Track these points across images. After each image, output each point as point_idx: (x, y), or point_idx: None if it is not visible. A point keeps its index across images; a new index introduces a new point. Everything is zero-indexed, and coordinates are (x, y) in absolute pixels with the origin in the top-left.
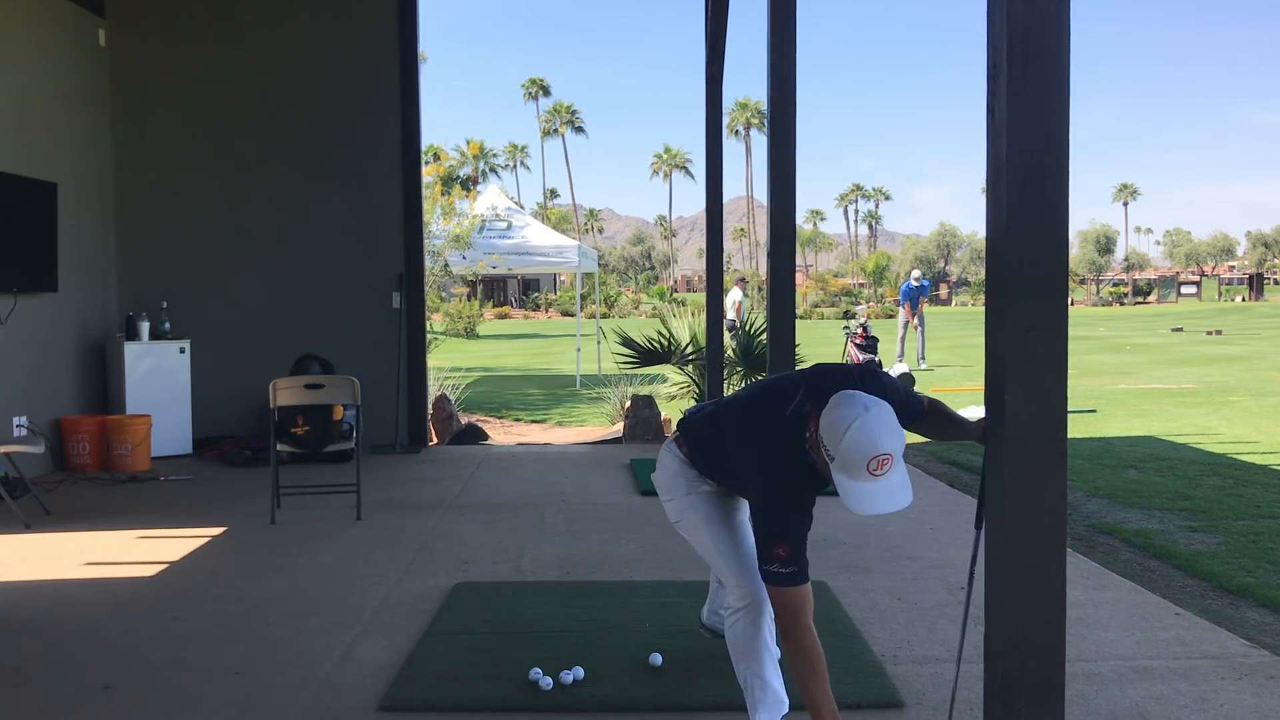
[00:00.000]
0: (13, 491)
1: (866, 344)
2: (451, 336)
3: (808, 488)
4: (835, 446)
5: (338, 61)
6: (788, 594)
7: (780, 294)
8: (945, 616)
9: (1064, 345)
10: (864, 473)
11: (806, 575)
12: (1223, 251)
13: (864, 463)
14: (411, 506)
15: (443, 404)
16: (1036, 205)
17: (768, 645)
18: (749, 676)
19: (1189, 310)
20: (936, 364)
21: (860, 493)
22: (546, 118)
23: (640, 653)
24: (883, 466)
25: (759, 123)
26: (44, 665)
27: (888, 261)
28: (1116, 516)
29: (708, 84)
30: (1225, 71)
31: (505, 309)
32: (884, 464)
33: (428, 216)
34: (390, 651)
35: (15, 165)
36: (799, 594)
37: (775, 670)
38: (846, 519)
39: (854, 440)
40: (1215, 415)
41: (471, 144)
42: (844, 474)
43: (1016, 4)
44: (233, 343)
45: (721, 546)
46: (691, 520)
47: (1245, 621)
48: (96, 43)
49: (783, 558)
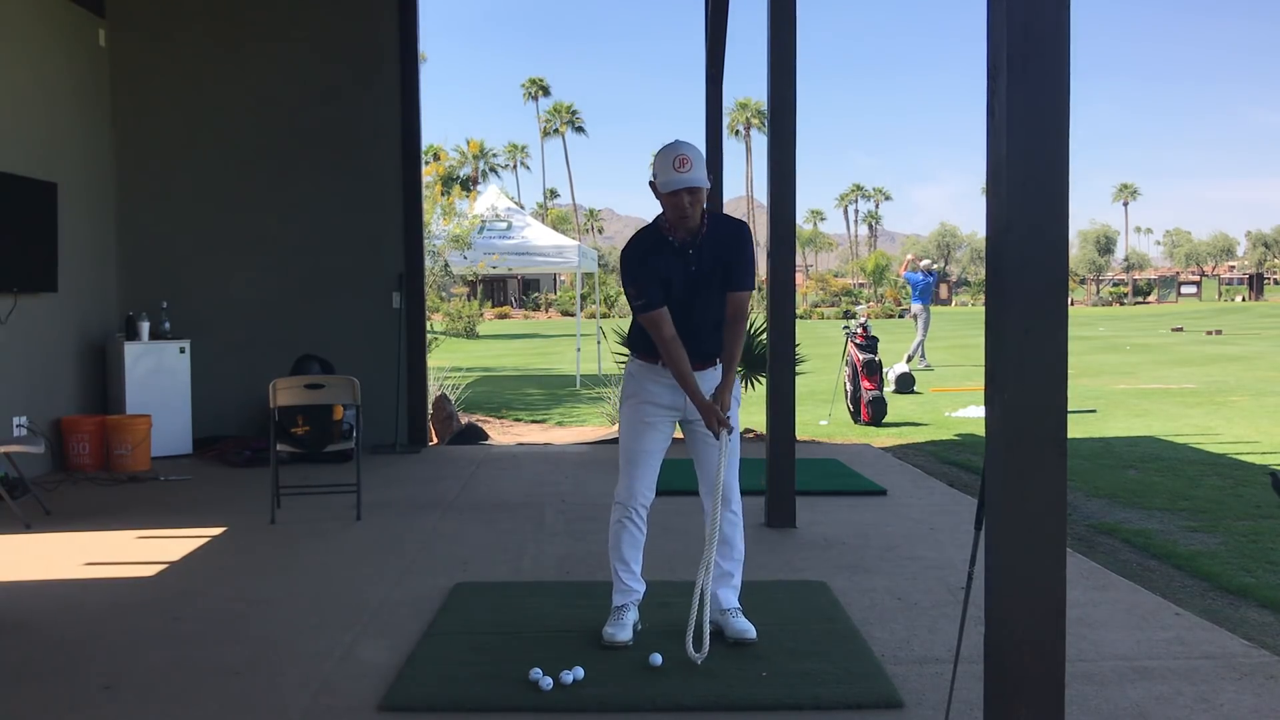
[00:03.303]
0: (13, 491)
1: (866, 344)
2: (451, 336)
3: (660, 263)
4: (656, 167)
5: (338, 61)
6: (645, 317)
7: (780, 294)
8: (945, 616)
9: (1064, 345)
10: (673, 171)
11: (655, 304)
12: (1223, 251)
13: (670, 162)
14: (411, 506)
15: (443, 404)
16: (1036, 205)
17: (621, 543)
18: (612, 562)
19: (1189, 310)
20: (936, 364)
21: (676, 180)
22: (546, 118)
23: (640, 653)
24: (684, 165)
25: (759, 123)
26: (44, 665)
27: (887, 261)
28: (1116, 516)
29: (708, 84)
30: (1226, 71)
31: (505, 309)
32: (684, 162)
33: (428, 216)
34: (390, 651)
35: (15, 165)
36: (651, 316)
37: (625, 567)
38: (847, 519)
39: (662, 153)
40: (1215, 415)
41: (471, 144)
42: (664, 176)
43: (1016, 4)
44: (233, 343)
45: (627, 446)
46: (623, 419)
47: (1245, 621)
48: (96, 43)
49: (634, 295)
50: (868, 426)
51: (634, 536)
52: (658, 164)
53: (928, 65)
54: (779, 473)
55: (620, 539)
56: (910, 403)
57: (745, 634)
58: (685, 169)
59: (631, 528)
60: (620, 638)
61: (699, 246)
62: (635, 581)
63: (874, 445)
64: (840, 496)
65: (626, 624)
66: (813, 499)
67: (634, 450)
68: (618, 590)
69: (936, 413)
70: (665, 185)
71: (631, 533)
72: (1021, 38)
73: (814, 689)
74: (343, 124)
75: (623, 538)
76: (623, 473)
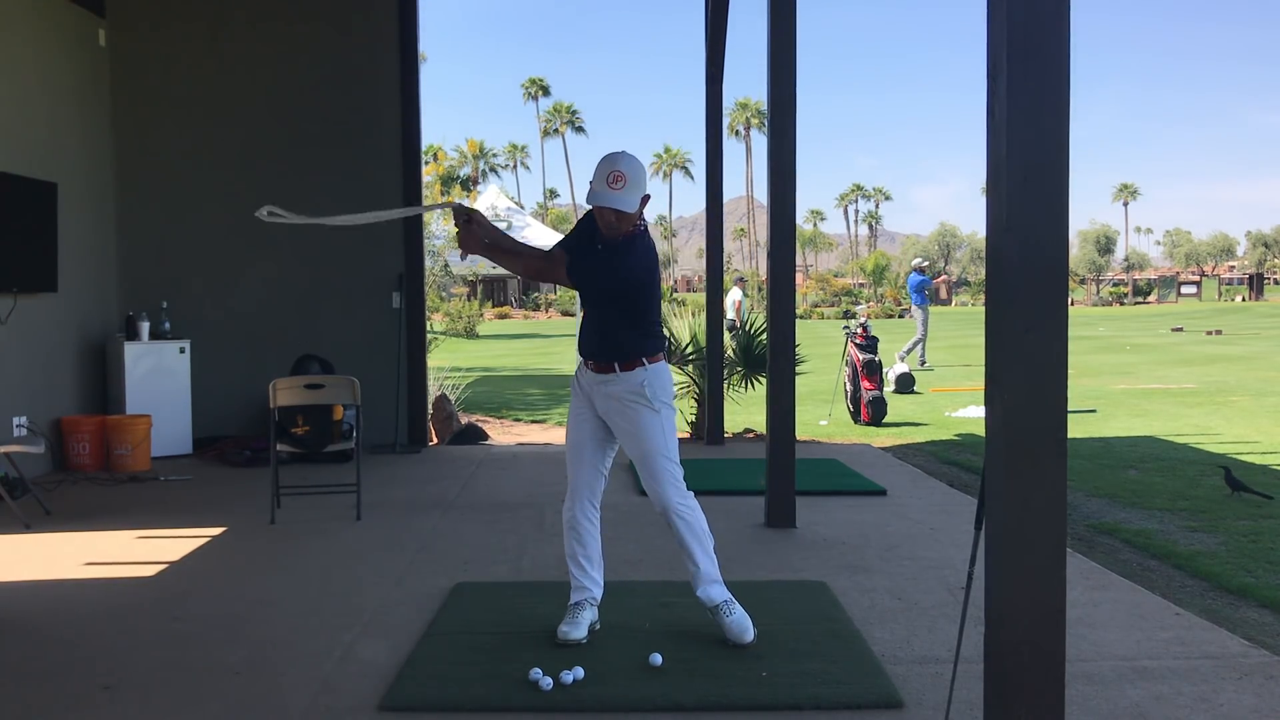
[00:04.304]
0: (13, 491)
1: (866, 344)
2: (451, 336)
3: (587, 250)
4: (594, 172)
5: (338, 61)
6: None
7: (780, 294)
8: (945, 616)
9: (1064, 345)
10: (605, 185)
11: (560, 249)
12: (1223, 251)
13: (605, 175)
14: (411, 506)
15: (443, 404)
16: (1036, 205)
17: (569, 541)
18: (567, 560)
19: (1189, 310)
20: (936, 364)
21: (600, 195)
22: (546, 118)
23: (640, 653)
24: (617, 182)
25: (759, 123)
26: (44, 665)
27: (887, 261)
28: (1116, 516)
29: (708, 84)
30: (1226, 71)
31: (505, 309)
32: (618, 179)
33: (428, 217)
34: (390, 651)
35: (15, 165)
36: (552, 252)
37: (575, 564)
38: (847, 519)
39: (602, 161)
40: (1215, 415)
41: (471, 143)
42: (596, 187)
43: (1017, 4)
44: (233, 343)
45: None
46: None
47: (1245, 621)
48: (96, 43)
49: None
50: (868, 426)
51: (578, 533)
52: (595, 170)
53: (928, 65)
54: (779, 473)
55: (567, 537)
56: (910, 403)
57: (738, 638)
58: (617, 186)
59: (577, 525)
60: (573, 636)
61: (616, 251)
62: (587, 579)
63: (874, 445)
64: (840, 496)
65: (581, 622)
66: (813, 499)
67: (567, 446)
68: (573, 588)
69: (936, 413)
70: (591, 198)
71: (576, 530)
72: (1021, 38)
73: (814, 689)
74: (343, 123)
75: (569, 536)
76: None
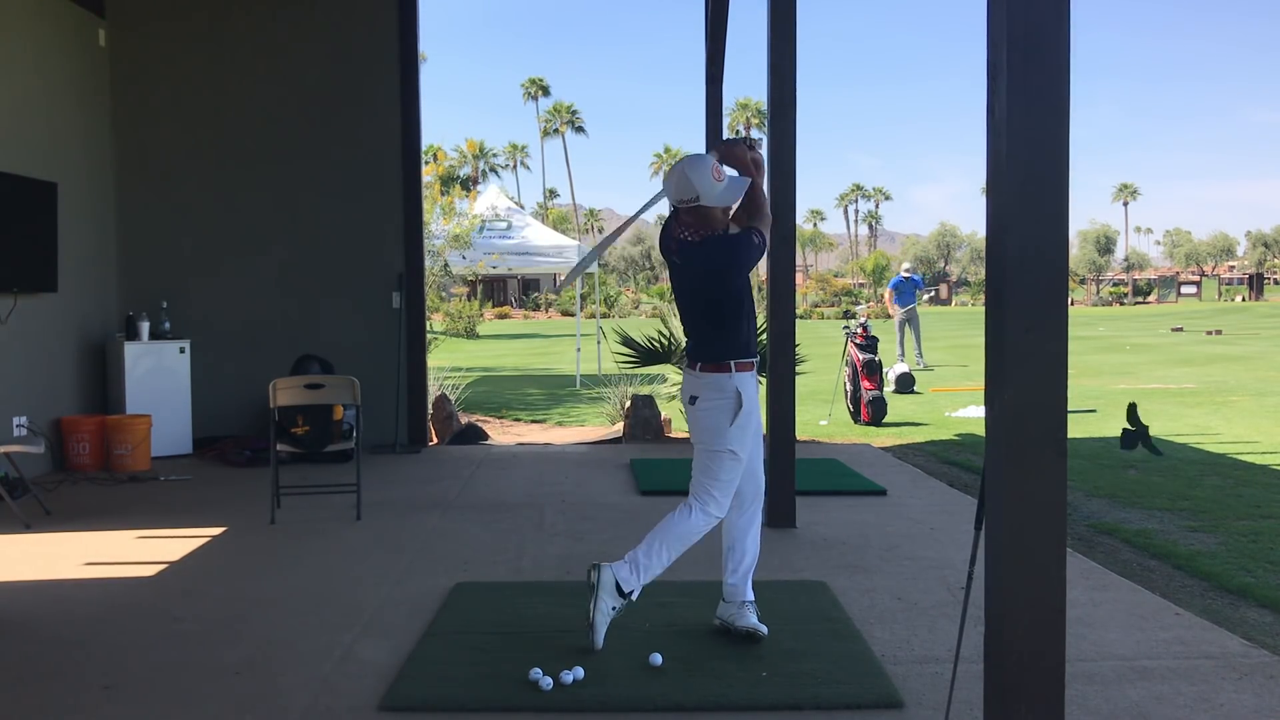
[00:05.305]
0: (13, 491)
1: (866, 344)
2: (451, 336)
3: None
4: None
5: (338, 61)
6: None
7: (780, 294)
8: (945, 616)
9: (1064, 345)
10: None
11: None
12: (1223, 251)
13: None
14: (411, 506)
15: (443, 404)
16: (1036, 205)
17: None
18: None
19: (1189, 310)
20: (936, 364)
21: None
22: (546, 118)
23: (640, 653)
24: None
25: (759, 123)
26: (44, 665)
27: (887, 261)
28: (1116, 516)
29: (708, 84)
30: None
31: (505, 309)
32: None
33: (428, 216)
34: (390, 651)
35: (15, 165)
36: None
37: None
38: (847, 519)
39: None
40: (1215, 415)
41: (471, 143)
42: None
43: (1017, 4)
44: (233, 343)
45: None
46: (736, 434)
47: (1245, 621)
48: (96, 43)
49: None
50: (868, 426)
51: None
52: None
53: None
54: (779, 473)
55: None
56: (910, 403)
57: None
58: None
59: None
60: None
61: (690, 249)
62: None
63: (874, 445)
64: (840, 496)
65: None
66: (813, 499)
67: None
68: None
69: (936, 413)
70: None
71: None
72: (1021, 38)
73: (814, 689)
74: (343, 124)
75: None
76: (728, 487)
